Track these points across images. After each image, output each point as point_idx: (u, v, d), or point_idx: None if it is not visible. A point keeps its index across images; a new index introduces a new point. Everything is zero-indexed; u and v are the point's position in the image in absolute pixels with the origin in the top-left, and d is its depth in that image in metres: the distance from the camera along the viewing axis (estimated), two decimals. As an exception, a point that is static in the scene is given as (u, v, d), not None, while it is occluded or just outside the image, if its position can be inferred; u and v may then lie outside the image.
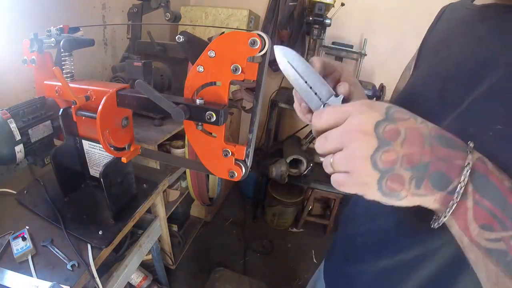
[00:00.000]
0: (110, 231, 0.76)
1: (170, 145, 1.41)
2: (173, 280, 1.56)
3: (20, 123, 0.69)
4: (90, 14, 1.29)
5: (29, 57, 0.72)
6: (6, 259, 0.66)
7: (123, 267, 0.91)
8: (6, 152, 0.67)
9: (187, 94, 0.46)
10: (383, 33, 1.95)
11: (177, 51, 1.26)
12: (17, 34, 0.94)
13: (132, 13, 1.28)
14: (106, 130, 0.57)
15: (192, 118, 0.45)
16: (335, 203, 2.03)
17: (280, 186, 2.00)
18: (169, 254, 1.49)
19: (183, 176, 1.52)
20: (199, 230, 1.95)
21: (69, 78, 0.69)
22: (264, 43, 0.39)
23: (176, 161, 0.84)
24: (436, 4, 0.64)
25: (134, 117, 0.65)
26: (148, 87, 0.44)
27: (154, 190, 0.96)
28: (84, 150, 0.81)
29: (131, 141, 0.64)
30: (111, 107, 0.56)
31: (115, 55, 1.48)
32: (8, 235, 0.70)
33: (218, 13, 1.77)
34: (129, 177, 0.85)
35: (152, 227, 1.08)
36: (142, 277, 1.35)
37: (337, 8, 1.68)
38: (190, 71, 0.44)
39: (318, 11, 1.58)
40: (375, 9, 1.91)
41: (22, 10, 0.98)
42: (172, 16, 1.18)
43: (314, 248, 2.03)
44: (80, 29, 0.75)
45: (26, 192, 0.85)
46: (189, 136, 0.49)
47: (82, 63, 1.29)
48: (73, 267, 0.65)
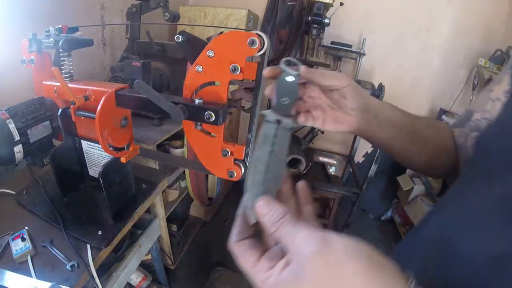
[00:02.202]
0: (110, 231, 0.76)
1: (169, 145, 1.41)
2: (173, 280, 1.56)
3: (19, 123, 0.68)
4: (89, 14, 1.29)
5: (27, 57, 0.72)
6: (6, 259, 0.66)
7: (122, 267, 0.91)
8: (5, 152, 0.67)
9: (186, 94, 0.46)
10: (382, 32, 1.95)
11: (176, 51, 1.26)
12: (15, 34, 0.93)
13: (130, 13, 1.27)
14: (105, 130, 0.57)
15: (191, 118, 0.45)
16: (334, 203, 2.03)
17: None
18: (168, 254, 1.49)
19: (182, 176, 1.52)
20: (198, 230, 1.94)
21: (68, 78, 0.69)
22: (263, 43, 0.39)
23: (175, 161, 0.84)
24: (435, 4, 0.64)
25: (133, 117, 0.65)
26: (147, 87, 0.44)
27: (153, 190, 0.96)
28: (83, 150, 0.81)
29: (130, 141, 0.64)
30: (110, 107, 0.56)
31: (114, 55, 1.48)
32: (7, 235, 0.70)
33: (217, 13, 1.77)
34: (128, 177, 0.85)
35: (152, 227, 1.08)
36: (141, 277, 1.35)
37: (336, 8, 1.68)
38: (189, 71, 0.44)
39: (317, 11, 1.58)
40: (374, 8, 1.91)
41: (21, 10, 0.98)
42: (171, 16, 1.18)
43: (314, 247, 2.03)
44: (79, 29, 0.75)
45: (25, 193, 0.85)
46: (188, 136, 0.49)
47: (81, 63, 1.29)
48: (73, 268, 0.65)
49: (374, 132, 0.44)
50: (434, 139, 0.48)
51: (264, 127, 0.34)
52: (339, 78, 0.39)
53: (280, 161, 0.33)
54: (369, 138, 0.45)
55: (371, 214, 2.45)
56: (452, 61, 1.96)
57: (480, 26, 1.84)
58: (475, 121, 0.45)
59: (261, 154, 0.33)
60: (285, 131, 0.34)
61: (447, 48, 1.93)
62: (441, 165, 0.50)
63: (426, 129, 0.47)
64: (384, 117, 0.43)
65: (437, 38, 1.90)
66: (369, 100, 0.42)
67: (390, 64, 2.03)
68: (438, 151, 0.48)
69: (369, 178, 1.85)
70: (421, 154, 0.47)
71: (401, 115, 0.46)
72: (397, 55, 2.00)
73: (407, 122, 0.46)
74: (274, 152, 0.33)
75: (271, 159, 0.33)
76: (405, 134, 0.45)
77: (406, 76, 2.05)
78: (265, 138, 0.34)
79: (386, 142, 0.45)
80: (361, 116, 0.41)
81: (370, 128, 0.43)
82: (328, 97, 0.41)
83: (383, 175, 2.31)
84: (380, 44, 1.97)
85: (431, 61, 1.98)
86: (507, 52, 1.65)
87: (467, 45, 1.90)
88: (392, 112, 0.45)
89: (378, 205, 2.42)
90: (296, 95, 0.35)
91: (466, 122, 0.47)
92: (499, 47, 1.72)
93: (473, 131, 0.45)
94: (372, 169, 1.82)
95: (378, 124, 0.43)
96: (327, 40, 1.94)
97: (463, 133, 0.47)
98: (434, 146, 0.48)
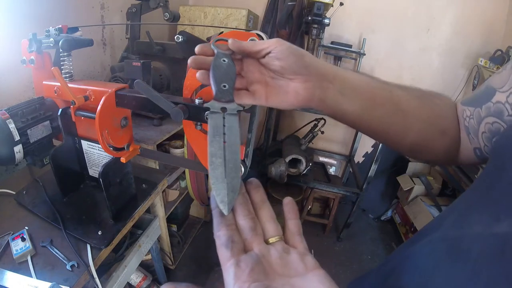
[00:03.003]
0: (110, 231, 0.76)
1: (169, 145, 1.41)
2: (173, 280, 1.56)
3: (19, 123, 0.68)
4: (89, 14, 1.29)
5: (27, 57, 0.72)
6: (6, 259, 0.66)
7: (122, 267, 0.91)
8: (5, 152, 0.67)
9: (186, 94, 0.46)
10: (381, 32, 1.95)
11: (176, 51, 1.26)
12: (15, 34, 0.94)
13: (131, 13, 1.27)
14: (105, 130, 0.57)
15: (191, 118, 0.45)
16: (334, 203, 2.03)
17: (279, 186, 2.00)
18: (168, 254, 1.49)
19: (182, 176, 1.52)
20: (198, 230, 1.94)
21: (68, 78, 0.69)
22: (263, 43, 0.39)
23: (175, 161, 0.84)
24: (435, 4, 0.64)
25: (133, 117, 0.65)
26: (147, 87, 0.44)
27: (153, 190, 0.96)
28: (83, 150, 0.81)
29: (130, 141, 0.64)
30: (110, 107, 0.56)
31: (114, 55, 1.48)
32: (7, 235, 0.70)
33: (217, 13, 1.77)
34: (128, 177, 0.85)
35: (152, 227, 1.08)
36: (141, 277, 1.35)
37: (336, 8, 1.68)
38: (189, 71, 0.44)
39: (317, 11, 1.58)
40: (373, 8, 1.91)
41: (21, 10, 0.98)
42: (171, 16, 1.18)
43: (313, 247, 2.03)
44: (79, 29, 0.75)
45: (25, 193, 0.85)
46: (188, 136, 0.49)
47: (81, 63, 1.29)
48: (73, 268, 0.65)
49: (335, 103, 0.36)
50: (422, 112, 0.39)
51: (210, 119, 0.33)
52: (268, 41, 0.34)
53: (236, 148, 0.32)
54: (332, 112, 0.37)
55: (371, 214, 2.45)
56: (452, 61, 1.96)
57: (480, 26, 1.84)
58: (497, 104, 0.34)
59: (215, 148, 0.32)
60: (232, 117, 0.33)
61: (447, 48, 1.93)
62: (435, 147, 0.41)
63: (410, 99, 0.38)
64: (345, 82, 0.36)
65: (437, 38, 1.90)
66: (317, 63, 0.35)
67: (390, 64, 2.03)
68: (431, 129, 0.40)
69: (369, 178, 1.85)
70: (407, 131, 0.39)
71: (369, 80, 0.38)
72: (397, 55, 2.00)
73: (380, 89, 0.38)
74: (227, 142, 0.32)
75: (226, 150, 0.32)
76: (379, 104, 0.37)
77: (406, 76, 2.05)
78: (215, 131, 0.33)
79: (355, 114, 0.37)
80: (310, 81, 0.34)
81: (327, 97, 0.35)
82: (269, 68, 0.35)
83: (383, 175, 2.31)
84: (380, 44, 1.97)
85: (431, 61, 1.98)
86: (507, 52, 1.65)
87: (467, 45, 1.90)
88: (358, 76, 0.37)
89: (378, 205, 2.42)
90: (234, 77, 0.34)
91: (484, 102, 0.36)
92: (499, 47, 1.72)
93: (490, 115, 0.35)
94: (372, 169, 1.82)
95: (339, 91, 0.35)
96: (327, 40, 1.94)
97: (477, 115, 0.37)
98: (424, 121, 0.39)
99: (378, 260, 2.02)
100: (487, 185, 0.30)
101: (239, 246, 0.28)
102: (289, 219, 0.33)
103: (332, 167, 2.48)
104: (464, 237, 0.28)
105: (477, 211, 0.29)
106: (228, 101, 0.33)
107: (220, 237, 0.28)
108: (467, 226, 0.29)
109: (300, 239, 0.32)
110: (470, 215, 0.30)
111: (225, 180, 0.30)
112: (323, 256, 1.97)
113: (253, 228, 0.29)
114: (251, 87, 0.36)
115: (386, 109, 0.37)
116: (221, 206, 0.30)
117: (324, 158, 2.44)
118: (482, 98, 0.37)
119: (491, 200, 0.28)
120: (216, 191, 0.30)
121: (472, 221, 0.29)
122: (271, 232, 0.31)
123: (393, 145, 0.42)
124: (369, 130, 0.40)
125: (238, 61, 0.36)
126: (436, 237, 0.32)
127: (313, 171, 1.99)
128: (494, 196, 0.28)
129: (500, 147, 0.31)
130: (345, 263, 1.95)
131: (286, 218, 0.33)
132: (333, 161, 2.47)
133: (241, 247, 0.28)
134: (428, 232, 0.35)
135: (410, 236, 1.98)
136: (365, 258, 2.02)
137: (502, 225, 0.24)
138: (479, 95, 0.38)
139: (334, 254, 2.02)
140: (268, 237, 0.30)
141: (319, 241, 2.10)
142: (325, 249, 2.05)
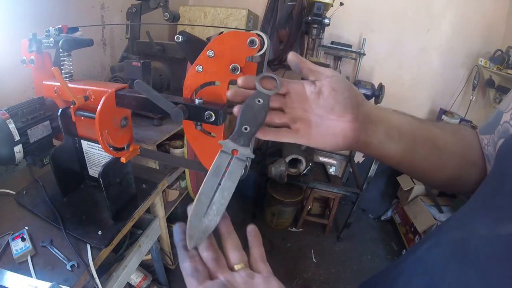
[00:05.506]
0: (110, 231, 0.76)
1: (169, 145, 1.41)
2: (173, 280, 1.56)
3: (19, 123, 0.68)
4: (89, 14, 1.29)
5: (27, 57, 0.72)
6: (6, 259, 0.65)
7: (122, 267, 0.91)
8: (5, 152, 0.67)
9: (186, 94, 0.46)
10: (381, 32, 1.96)
11: (176, 51, 1.26)
12: (15, 34, 0.94)
13: (131, 13, 1.27)
14: (105, 130, 0.57)
15: (191, 118, 0.45)
16: (334, 203, 2.03)
17: (279, 186, 2.00)
18: (168, 254, 1.49)
19: (182, 176, 1.52)
20: (198, 230, 1.94)
21: (68, 78, 0.69)
22: (263, 43, 0.39)
23: (175, 161, 0.84)
24: (435, 4, 0.64)
25: (133, 117, 0.65)
26: (147, 87, 0.44)
27: (153, 190, 0.96)
28: (83, 150, 0.81)
29: (130, 141, 0.64)
30: (110, 107, 0.56)
31: (114, 55, 1.48)
32: (7, 235, 0.70)
33: (217, 13, 1.77)
34: (128, 177, 0.85)
35: (152, 227, 1.08)
36: (141, 277, 1.35)
37: (336, 8, 1.68)
38: (189, 71, 0.44)
39: (317, 11, 1.59)
40: (373, 8, 1.91)
41: (21, 10, 0.98)
42: (171, 16, 1.18)
43: (314, 247, 2.03)
44: (79, 29, 0.75)
45: (25, 193, 0.85)
46: (188, 136, 0.49)
47: (81, 63, 1.29)
48: (73, 268, 0.65)
49: (381, 145, 0.35)
50: (457, 148, 0.39)
51: (218, 157, 0.33)
52: (324, 68, 0.33)
53: (228, 194, 0.32)
54: (375, 155, 0.37)
55: (371, 214, 2.45)
56: (452, 61, 1.96)
57: (480, 26, 1.84)
58: (504, 125, 0.35)
59: (207, 187, 0.32)
60: (239, 162, 0.33)
61: (447, 48, 1.93)
62: (468, 179, 0.41)
63: (446, 136, 0.39)
64: (390, 125, 0.35)
65: (437, 38, 1.90)
66: (366, 103, 0.35)
67: (390, 64, 2.04)
68: (463, 163, 0.39)
69: (369, 178, 1.85)
70: (444, 167, 0.39)
71: (411, 121, 0.38)
72: (397, 55, 2.00)
73: (420, 129, 0.38)
74: (222, 186, 0.32)
75: (217, 193, 0.32)
76: (420, 144, 0.37)
77: (406, 76, 2.05)
78: (216, 170, 0.32)
79: (398, 156, 0.37)
80: (357, 122, 0.33)
81: (373, 141, 0.35)
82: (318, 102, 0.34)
83: (383, 175, 2.31)
84: (380, 44, 1.97)
85: (431, 61, 1.98)
86: (507, 52, 1.65)
87: (467, 45, 1.90)
88: (400, 118, 0.37)
89: (378, 205, 2.42)
90: (261, 122, 0.32)
91: (495, 126, 0.37)
92: (499, 47, 1.73)
93: (500, 137, 0.35)
94: (372, 169, 1.82)
95: (385, 133, 0.35)
96: (327, 40, 1.94)
97: (492, 141, 0.37)
98: (458, 156, 0.39)
99: (378, 260, 2.02)
100: (490, 190, 0.31)
101: (204, 274, 0.29)
102: (252, 247, 0.34)
103: (332, 167, 2.48)
104: (470, 239, 0.28)
105: (481, 215, 0.29)
106: (243, 145, 0.33)
107: (186, 268, 0.30)
108: (472, 229, 0.29)
109: (264, 265, 0.32)
110: (475, 218, 0.30)
111: (203, 220, 0.31)
112: (323, 256, 1.97)
113: (215, 259, 0.31)
114: (294, 125, 0.35)
115: (425, 148, 0.37)
116: (188, 241, 0.31)
117: (324, 158, 2.44)
118: (494, 123, 0.37)
119: (494, 204, 0.28)
120: (190, 224, 0.31)
121: (476, 224, 0.29)
122: (236, 260, 0.32)
123: (429, 180, 0.42)
124: (410, 169, 0.40)
125: (281, 97, 0.36)
126: (443, 240, 0.33)
127: (313, 171, 1.99)
128: (497, 201, 0.28)
129: (503, 154, 0.31)
130: (345, 263, 1.94)
131: (250, 246, 0.34)
132: (333, 161, 2.47)
133: (206, 275, 0.30)
134: (435, 234, 0.36)
135: (410, 236, 1.98)
136: (365, 258, 2.02)
137: (506, 227, 0.25)
138: (491, 122, 0.39)
139: (334, 254, 2.02)
140: (233, 264, 0.31)
141: (319, 241, 2.10)
142: (325, 249, 2.05)
